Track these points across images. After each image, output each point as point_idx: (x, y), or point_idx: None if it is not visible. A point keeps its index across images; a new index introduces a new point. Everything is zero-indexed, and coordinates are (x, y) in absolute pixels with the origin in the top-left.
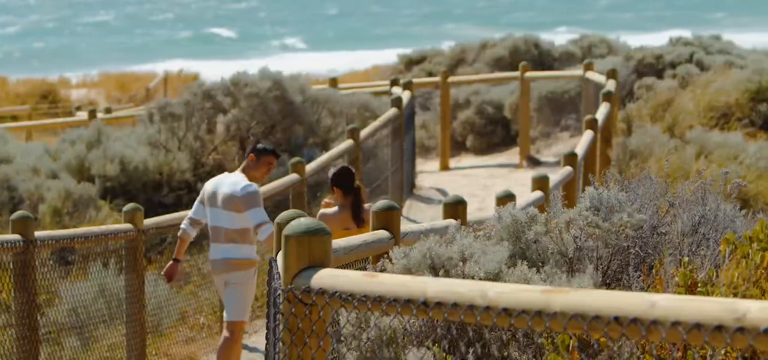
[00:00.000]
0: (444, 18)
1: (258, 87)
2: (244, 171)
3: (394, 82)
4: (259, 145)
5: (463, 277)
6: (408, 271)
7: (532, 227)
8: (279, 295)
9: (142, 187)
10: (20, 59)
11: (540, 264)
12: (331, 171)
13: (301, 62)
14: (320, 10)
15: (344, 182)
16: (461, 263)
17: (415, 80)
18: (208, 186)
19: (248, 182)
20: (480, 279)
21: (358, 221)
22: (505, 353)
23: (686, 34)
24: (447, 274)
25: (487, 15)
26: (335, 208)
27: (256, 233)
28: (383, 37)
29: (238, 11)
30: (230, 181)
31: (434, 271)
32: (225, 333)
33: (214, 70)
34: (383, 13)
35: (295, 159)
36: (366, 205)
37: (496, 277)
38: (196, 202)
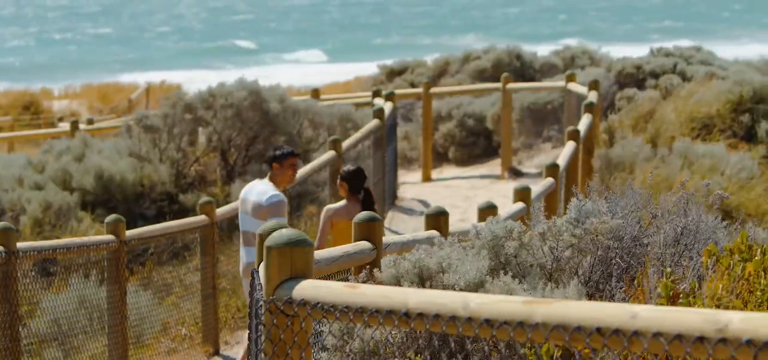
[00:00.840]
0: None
1: (235, 98)
2: (271, 179)
3: (376, 93)
4: (278, 152)
5: (443, 288)
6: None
7: (511, 241)
8: (261, 306)
9: (124, 198)
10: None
11: (521, 277)
12: (345, 168)
13: (323, 73)
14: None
15: (357, 181)
16: (441, 274)
17: (397, 91)
18: (242, 193)
19: (275, 192)
20: (460, 289)
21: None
22: None
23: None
24: (430, 285)
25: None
26: (343, 203)
27: None
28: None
29: (259, 22)
30: (259, 190)
31: (421, 282)
32: None
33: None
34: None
35: None
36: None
37: (477, 287)
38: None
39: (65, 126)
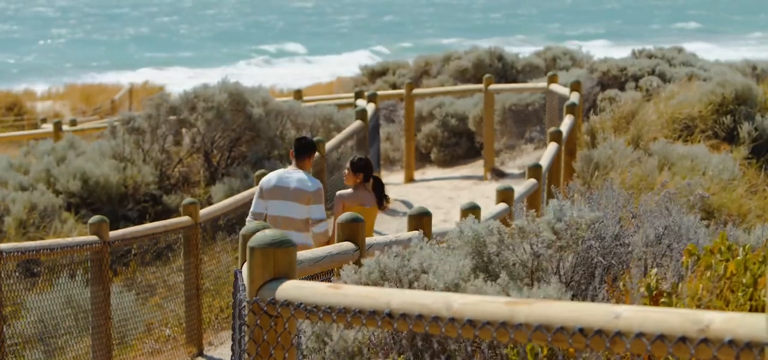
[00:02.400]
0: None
1: (216, 100)
2: (300, 168)
3: (359, 95)
4: (308, 143)
5: (425, 289)
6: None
7: (493, 240)
8: (244, 306)
9: (107, 199)
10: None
11: (500, 275)
12: (354, 157)
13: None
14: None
15: (366, 170)
16: (423, 274)
17: (379, 92)
18: (271, 181)
19: (316, 180)
20: (440, 290)
21: (379, 203)
22: None
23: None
24: (409, 286)
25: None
26: (350, 190)
27: (313, 225)
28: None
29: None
30: (297, 177)
31: (399, 282)
32: None
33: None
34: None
35: (261, 171)
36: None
37: (457, 288)
38: (255, 199)
39: (48, 127)
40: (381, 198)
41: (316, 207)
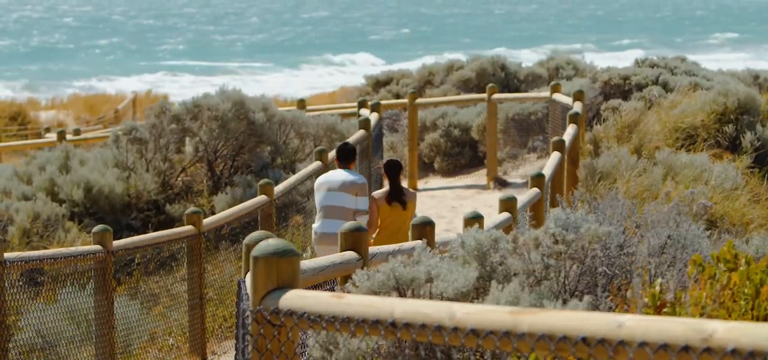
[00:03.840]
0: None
1: (219, 109)
2: (345, 168)
3: (362, 104)
4: (353, 149)
5: (430, 298)
6: (372, 292)
7: (497, 249)
8: (247, 316)
9: (110, 209)
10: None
11: (506, 284)
12: (385, 159)
13: None
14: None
15: (389, 171)
16: (428, 284)
17: (382, 102)
18: (323, 179)
19: (362, 176)
20: (446, 299)
21: (400, 202)
22: None
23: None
24: (413, 295)
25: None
26: (385, 189)
27: (358, 215)
28: None
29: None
30: (346, 173)
31: (399, 292)
32: None
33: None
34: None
35: (264, 180)
36: (411, 190)
37: (464, 297)
38: (316, 194)
39: (52, 136)
40: (398, 198)
41: (362, 199)
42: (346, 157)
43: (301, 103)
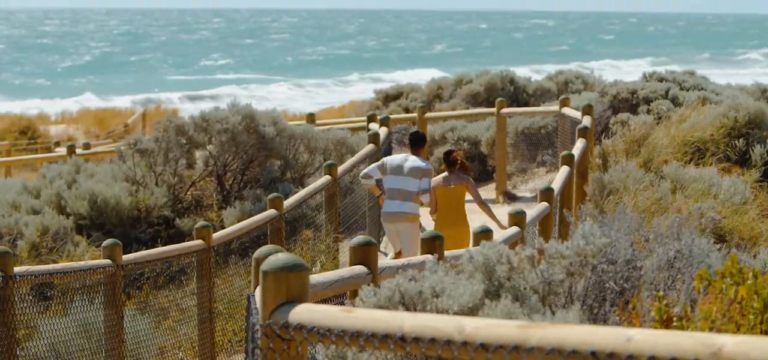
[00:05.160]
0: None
1: (229, 122)
2: (416, 155)
3: (372, 118)
4: (422, 136)
5: (437, 312)
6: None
7: (504, 264)
8: (257, 330)
9: (119, 222)
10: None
11: (514, 300)
12: (445, 149)
13: None
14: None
15: (446, 158)
16: (434, 298)
17: (392, 116)
18: (394, 160)
19: (427, 161)
20: (454, 313)
21: (456, 180)
22: None
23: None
24: (422, 309)
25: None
26: (444, 174)
27: (422, 195)
28: None
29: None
30: (412, 158)
31: (406, 307)
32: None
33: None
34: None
35: (273, 194)
36: (464, 175)
37: (472, 311)
38: (374, 167)
39: (62, 151)
40: (452, 178)
41: (426, 180)
42: (417, 143)
43: (311, 117)
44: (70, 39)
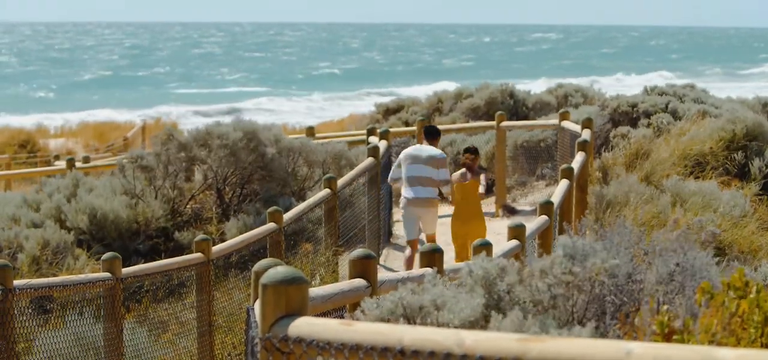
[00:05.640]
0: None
1: (230, 137)
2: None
3: (371, 132)
4: (436, 129)
5: (438, 326)
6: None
7: (504, 278)
8: (256, 343)
9: (118, 235)
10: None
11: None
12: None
13: None
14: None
15: (467, 151)
16: (435, 311)
17: (391, 129)
18: (410, 151)
19: (442, 152)
20: (455, 327)
21: (473, 175)
22: None
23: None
24: (421, 324)
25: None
26: (462, 170)
27: (442, 185)
28: None
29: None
30: (430, 148)
31: (408, 320)
32: (425, 243)
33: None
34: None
35: (273, 208)
36: (478, 169)
37: (470, 326)
38: (394, 168)
39: (61, 164)
40: (469, 172)
41: (443, 170)
42: (431, 134)
43: (310, 131)
44: (78, 52)
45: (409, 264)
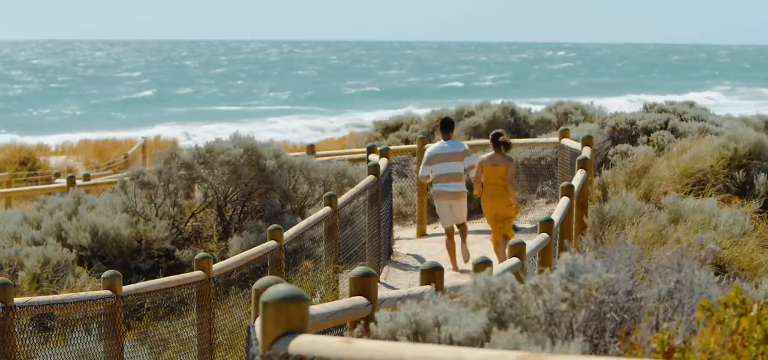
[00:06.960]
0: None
1: (231, 155)
2: (448, 138)
3: (371, 149)
4: (451, 122)
5: (439, 343)
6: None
7: (506, 293)
8: None
9: (119, 253)
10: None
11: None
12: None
13: None
14: None
15: (494, 140)
16: (437, 328)
17: (391, 147)
18: (435, 150)
19: (463, 143)
20: (457, 344)
21: (501, 161)
22: None
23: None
24: (424, 340)
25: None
26: (490, 153)
27: (469, 171)
28: None
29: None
30: (451, 143)
31: (412, 337)
32: (458, 232)
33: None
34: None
35: (273, 226)
36: (506, 156)
37: (474, 342)
38: (425, 167)
39: (62, 182)
40: (499, 159)
41: (469, 158)
42: (446, 127)
43: (311, 149)
44: (108, 71)
45: (450, 248)
